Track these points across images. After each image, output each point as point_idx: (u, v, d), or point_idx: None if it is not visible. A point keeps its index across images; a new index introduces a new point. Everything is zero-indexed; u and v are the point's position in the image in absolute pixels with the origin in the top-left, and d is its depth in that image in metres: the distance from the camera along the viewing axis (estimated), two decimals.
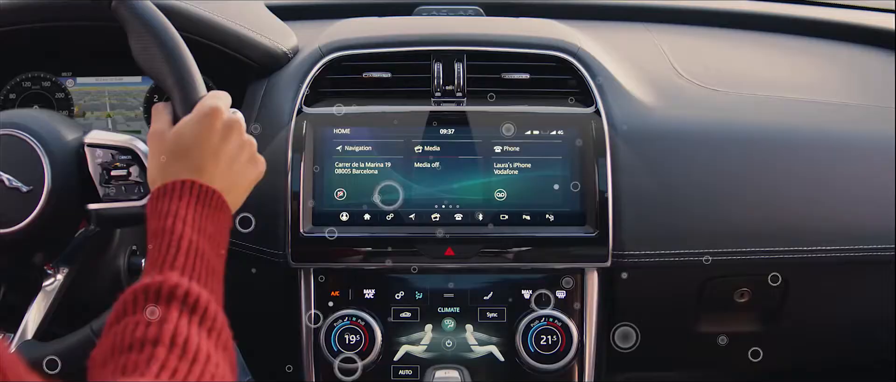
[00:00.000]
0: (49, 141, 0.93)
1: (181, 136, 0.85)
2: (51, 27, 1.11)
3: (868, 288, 1.23)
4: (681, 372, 1.41)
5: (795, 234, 1.13)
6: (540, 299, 1.13)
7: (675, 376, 1.40)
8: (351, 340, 1.10)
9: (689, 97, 1.23)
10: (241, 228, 1.02)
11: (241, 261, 1.09)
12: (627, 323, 1.11)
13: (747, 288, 1.17)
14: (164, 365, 0.64)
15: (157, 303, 0.70)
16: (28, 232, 0.91)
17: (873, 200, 1.15)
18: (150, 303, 0.70)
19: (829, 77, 1.37)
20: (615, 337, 1.11)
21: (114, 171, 0.95)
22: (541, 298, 1.13)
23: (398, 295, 1.14)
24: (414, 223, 1.11)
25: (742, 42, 1.50)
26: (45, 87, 1.28)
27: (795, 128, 1.19)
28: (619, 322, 1.13)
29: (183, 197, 0.81)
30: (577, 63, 1.17)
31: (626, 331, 1.11)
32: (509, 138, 1.12)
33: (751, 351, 1.18)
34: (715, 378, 1.41)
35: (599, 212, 1.10)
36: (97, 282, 1.05)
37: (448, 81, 1.17)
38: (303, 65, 1.19)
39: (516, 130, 1.12)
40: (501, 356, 1.13)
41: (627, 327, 1.11)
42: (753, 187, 1.14)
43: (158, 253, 0.76)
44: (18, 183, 0.91)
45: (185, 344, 0.66)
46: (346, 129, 1.13)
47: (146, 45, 0.90)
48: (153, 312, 0.69)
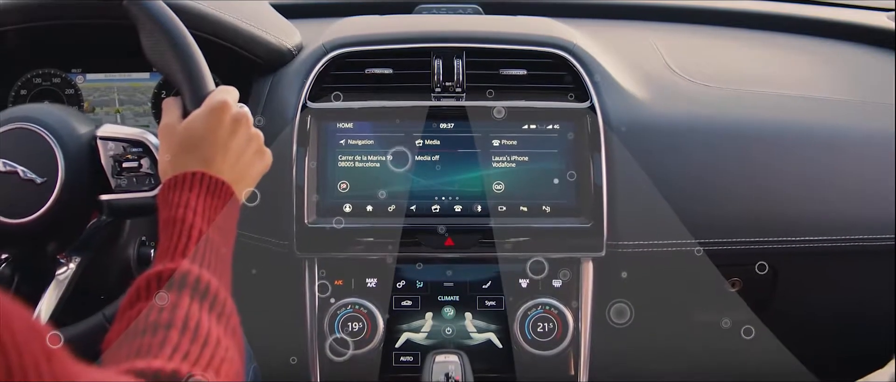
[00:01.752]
0: (62, 134, 0.95)
1: (191, 130, 0.87)
2: (62, 25, 1.14)
3: (859, 279, 1.26)
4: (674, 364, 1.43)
5: (784, 225, 1.16)
6: (537, 287, 1.16)
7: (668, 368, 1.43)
8: (354, 327, 1.13)
9: (682, 92, 1.26)
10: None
11: (248, 252, 1.12)
12: (622, 300, 1.14)
13: (738, 277, 1.20)
14: (177, 348, 0.66)
15: (169, 289, 0.72)
16: (42, 222, 0.93)
17: (860, 192, 1.18)
18: (162, 289, 0.73)
19: (819, 73, 1.39)
20: (611, 313, 1.14)
21: (125, 163, 0.97)
22: (538, 287, 1.16)
23: (399, 284, 1.17)
24: (415, 214, 1.14)
25: (734, 39, 1.52)
26: (55, 83, 1.30)
27: (785, 122, 1.22)
28: (614, 300, 1.16)
29: (193, 188, 0.83)
30: (572, 59, 1.20)
31: (621, 308, 1.14)
32: (506, 130, 1.15)
33: (743, 329, 1.20)
34: (708, 369, 1.44)
35: (594, 204, 1.13)
36: (108, 271, 1.07)
37: (448, 77, 1.19)
38: (307, 61, 1.21)
39: (508, 114, 1.14)
40: (499, 342, 1.16)
41: (622, 303, 1.14)
42: (743, 179, 1.17)
43: (170, 241, 0.78)
44: (33, 174, 0.93)
45: (196, 328, 0.68)
46: (349, 124, 1.16)
47: (157, 42, 0.92)
48: (165, 298, 0.72)
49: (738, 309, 1.24)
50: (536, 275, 1.14)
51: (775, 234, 1.16)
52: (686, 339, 1.31)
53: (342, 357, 1.14)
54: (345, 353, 1.13)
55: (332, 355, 1.14)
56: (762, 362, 1.30)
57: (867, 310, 1.30)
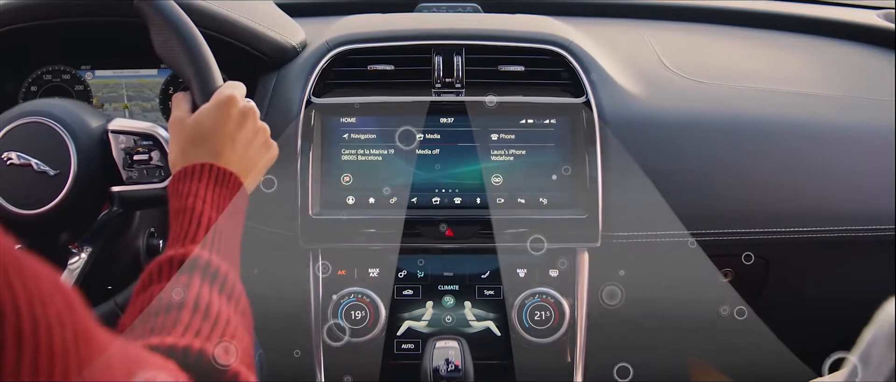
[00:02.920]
0: (75, 128, 0.97)
1: (200, 123, 0.90)
2: (73, 22, 1.16)
3: (850, 269, 1.29)
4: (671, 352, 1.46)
5: (774, 216, 1.19)
6: (534, 277, 1.19)
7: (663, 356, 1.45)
8: (356, 316, 1.16)
9: (675, 88, 1.29)
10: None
11: (254, 244, 1.14)
12: (613, 283, 1.17)
13: (730, 267, 1.23)
14: (189, 326, 0.69)
15: (181, 273, 0.75)
16: (55, 213, 0.95)
17: (848, 184, 1.21)
18: (174, 272, 0.76)
19: (809, 70, 1.42)
20: (603, 296, 1.17)
21: (136, 156, 1.00)
22: (535, 276, 1.19)
23: (401, 274, 1.20)
24: (416, 206, 1.17)
25: (727, 37, 1.55)
26: (64, 80, 1.32)
27: (776, 117, 1.25)
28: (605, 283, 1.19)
29: (202, 179, 0.85)
30: (568, 56, 1.22)
31: (613, 290, 1.17)
32: (504, 125, 1.18)
33: (736, 310, 1.23)
34: (702, 358, 1.47)
35: (590, 196, 1.16)
36: (118, 261, 1.09)
37: (448, 73, 1.22)
38: (311, 58, 1.24)
39: (506, 109, 1.17)
40: (498, 330, 1.19)
41: (613, 286, 1.17)
42: (735, 172, 1.20)
43: (181, 228, 0.81)
44: (46, 167, 0.95)
45: (207, 308, 0.71)
46: (352, 118, 1.19)
47: (167, 39, 0.95)
48: (178, 281, 0.75)
49: (730, 299, 1.27)
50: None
51: (765, 225, 1.19)
52: (680, 329, 1.34)
53: (339, 342, 1.16)
54: (342, 338, 1.16)
55: (330, 339, 1.16)
56: (755, 351, 1.32)
57: (858, 300, 1.32)
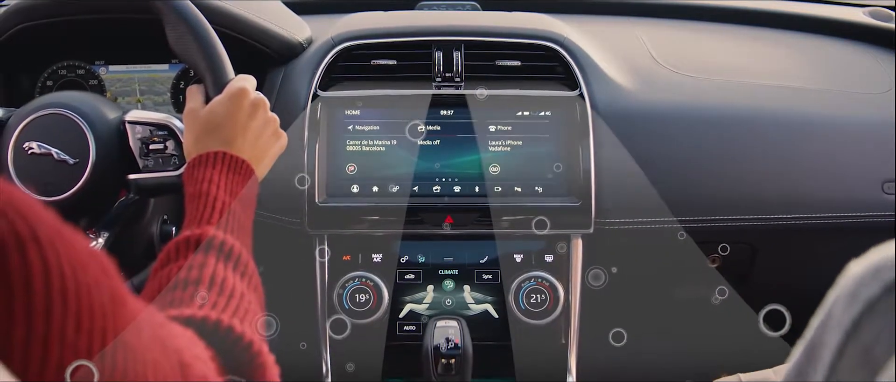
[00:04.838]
0: (93, 118, 1.01)
1: (213, 114, 0.94)
2: (90, 20, 1.20)
3: (833, 255, 1.32)
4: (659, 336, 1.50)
5: (758, 204, 1.24)
6: (530, 262, 1.24)
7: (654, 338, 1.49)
8: (360, 299, 1.21)
9: (666, 82, 1.33)
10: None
11: (262, 231, 1.19)
12: (598, 266, 1.22)
13: (717, 253, 1.28)
14: (205, 300, 0.73)
15: (197, 251, 0.80)
16: (74, 200, 0.99)
17: (829, 172, 1.26)
18: (191, 251, 0.80)
19: (794, 64, 1.46)
20: (589, 277, 1.22)
21: (152, 145, 1.04)
22: (531, 261, 1.24)
23: (403, 259, 1.25)
24: (417, 194, 1.22)
25: (715, 34, 1.58)
26: (79, 75, 1.35)
27: (761, 109, 1.30)
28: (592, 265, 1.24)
29: (216, 166, 0.89)
30: (563, 51, 1.27)
31: (597, 272, 1.22)
32: (501, 117, 1.22)
33: (718, 289, 1.27)
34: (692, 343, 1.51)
35: (583, 185, 1.20)
36: (133, 247, 1.14)
37: (448, 68, 1.26)
38: (317, 54, 1.28)
39: (502, 101, 1.22)
40: (495, 313, 1.24)
41: (598, 269, 1.22)
42: (722, 162, 1.24)
43: (196, 211, 0.85)
44: (66, 156, 0.99)
45: (222, 284, 0.76)
46: (357, 111, 1.24)
47: (181, 35, 0.99)
48: (194, 259, 0.79)
49: (717, 283, 1.32)
50: (530, 250, 1.21)
51: (751, 212, 1.23)
52: (670, 313, 1.39)
53: (342, 334, 1.21)
54: (344, 331, 1.21)
55: (333, 333, 1.21)
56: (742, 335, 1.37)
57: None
